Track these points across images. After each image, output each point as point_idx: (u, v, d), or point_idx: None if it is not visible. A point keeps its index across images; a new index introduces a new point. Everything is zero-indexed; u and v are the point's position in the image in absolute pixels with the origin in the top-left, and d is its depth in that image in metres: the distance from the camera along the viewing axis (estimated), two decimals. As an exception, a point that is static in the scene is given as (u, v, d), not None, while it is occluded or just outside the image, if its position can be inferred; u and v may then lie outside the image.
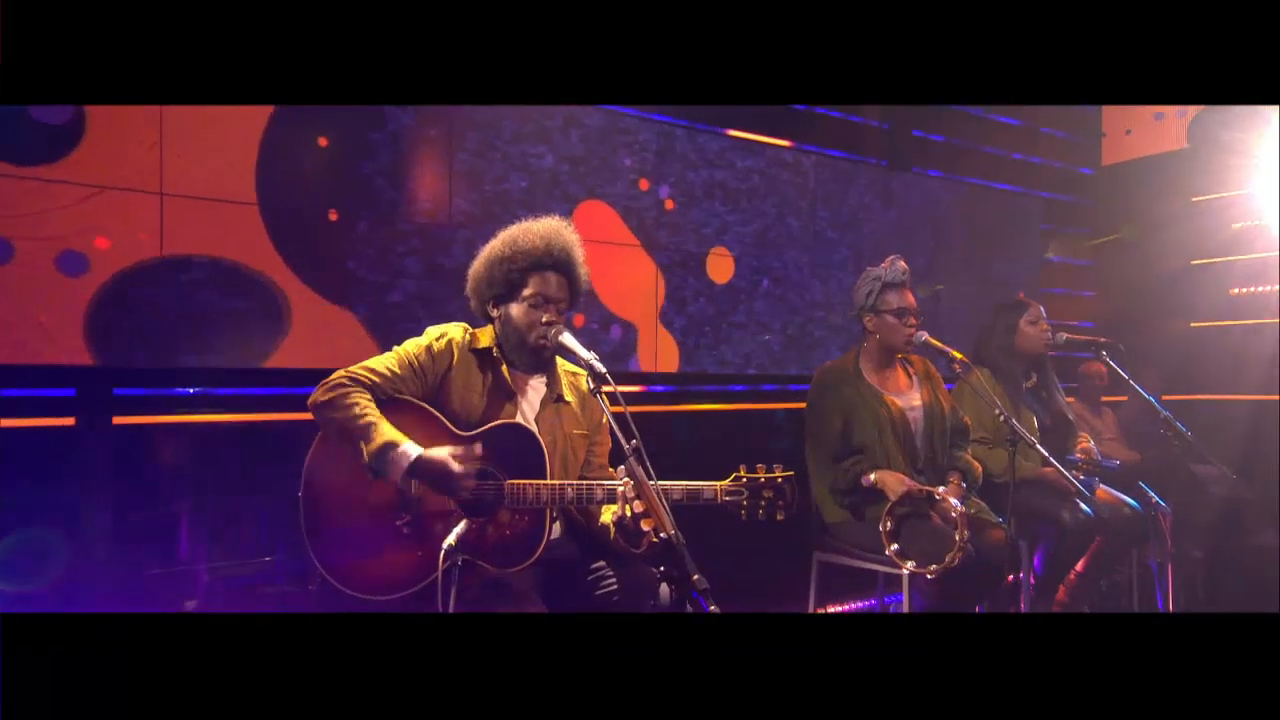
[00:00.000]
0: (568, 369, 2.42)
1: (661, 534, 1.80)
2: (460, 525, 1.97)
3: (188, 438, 2.91)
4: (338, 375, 2.12)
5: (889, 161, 4.89)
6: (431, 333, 2.29)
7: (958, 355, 2.98)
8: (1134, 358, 3.51)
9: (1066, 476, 2.89)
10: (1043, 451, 2.85)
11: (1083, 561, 3.43)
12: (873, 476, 2.92)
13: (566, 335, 2.17)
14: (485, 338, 2.31)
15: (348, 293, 3.18)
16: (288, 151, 3.04)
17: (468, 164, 3.45)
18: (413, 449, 2.02)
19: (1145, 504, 3.52)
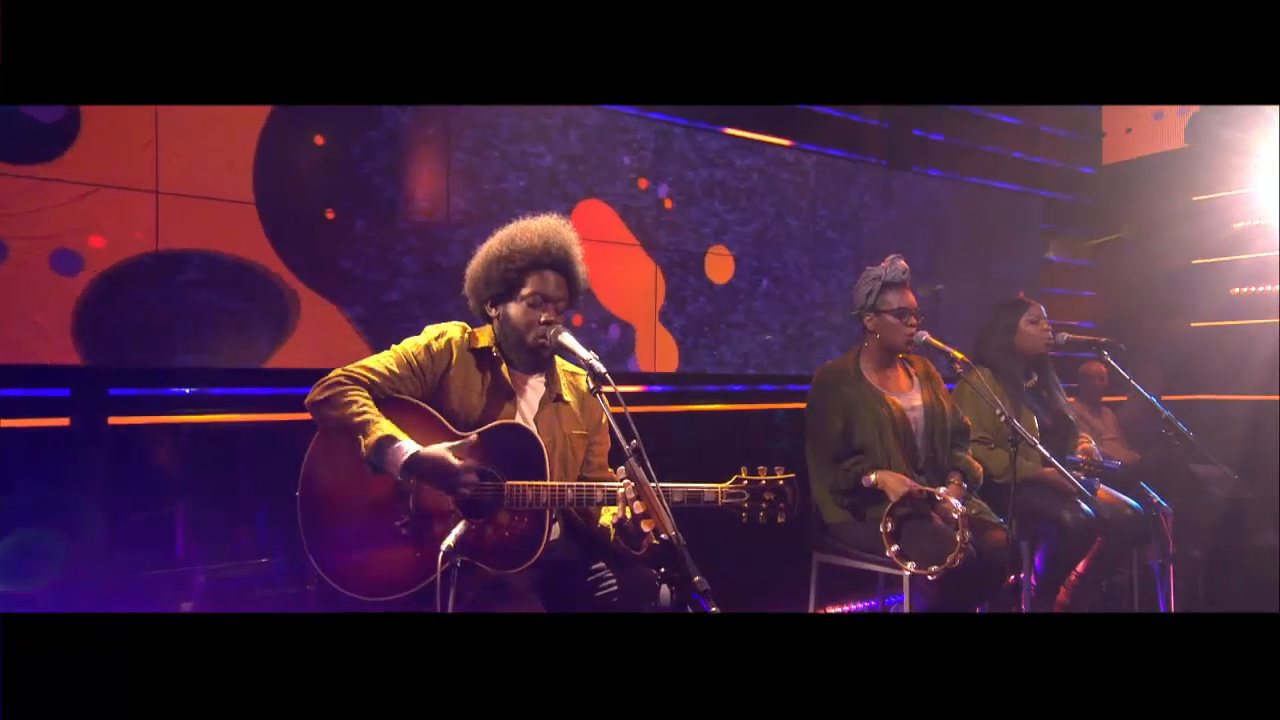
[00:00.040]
0: (567, 369, 2.40)
1: (662, 535, 1.78)
2: (459, 526, 1.96)
3: (184, 438, 2.89)
4: (335, 374, 2.10)
5: (889, 161, 4.87)
6: (430, 332, 2.27)
7: (958, 355, 2.97)
8: (1134, 358, 3.50)
9: (1067, 477, 2.88)
10: (1044, 452, 2.84)
11: (1084, 562, 3.43)
12: (873, 477, 2.91)
13: (565, 335, 2.16)
14: (484, 337, 2.30)
15: (345, 292, 3.16)
16: (285, 150, 3.02)
17: (466, 163, 3.44)
18: (410, 445, 2.02)
19: (1146, 504, 3.51)
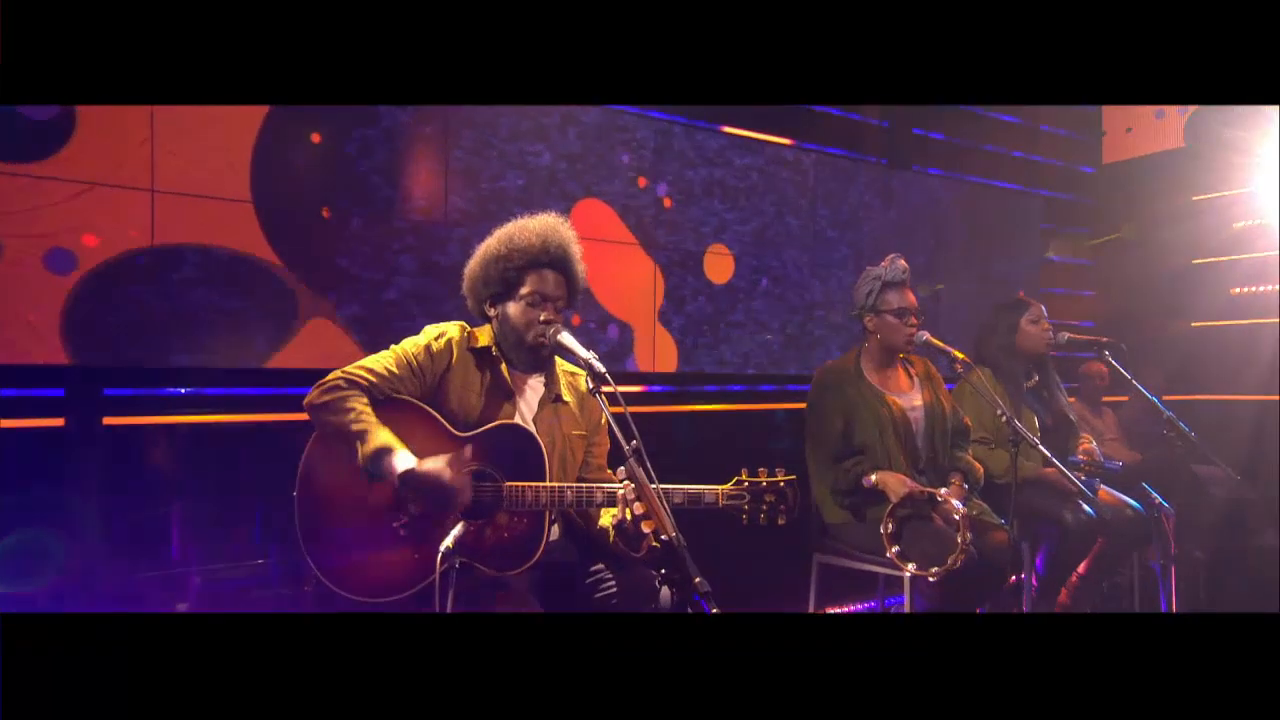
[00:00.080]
0: (566, 369, 2.39)
1: (663, 537, 1.77)
2: (458, 527, 1.93)
3: (179, 438, 2.87)
4: (334, 376, 2.09)
5: (889, 160, 4.86)
6: (430, 332, 2.25)
7: (959, 355, 2.96)
8: (1135, 357, 3.49)
9: (1068, 477, 2.86)
10: (1045, 452, 2.82)
11: (1085, 563, 3.41)
12: (874, 478, 2.90)
13: (565, 334, 2.14)
14: (484, 337, 2.28)
15: (342, 291, 3.14)
16: (282, 148, 3.00)
17: (464, 161, 3.42)
18: (406, 458, 1.98)
19: (1148, 505, 3.50)
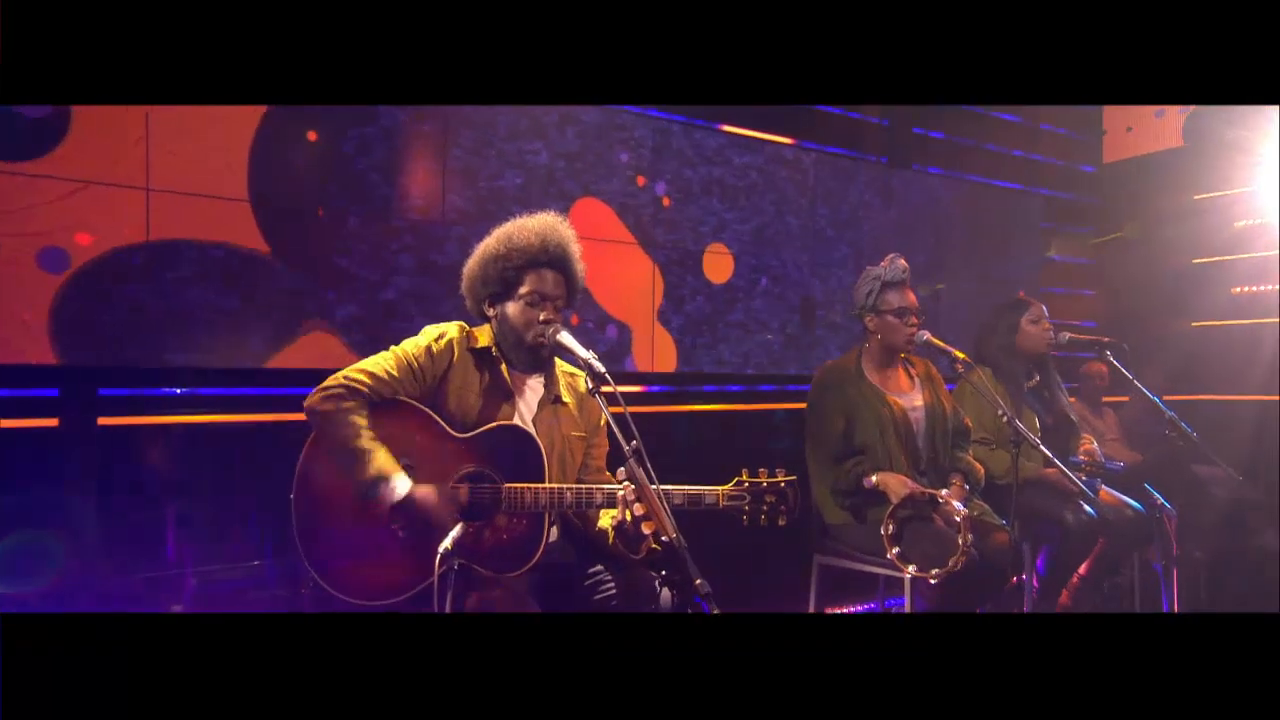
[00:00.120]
0: (565, 370, 2.37)
1: (664, 538, 1.75)
2: (457, 529, 1.93)
3: (174, 439, 2.85)
4: (335, 382, 2.07)
5: (889, 159, 4.84)
6: (430, 333, 2.23)
7: (959, 355, 2.94)
8: (1136, 357, 3.47)
9: (1070, 478, 2.84)
10: (1046, 452, 2.80)
11: (1086, 564, 3.40)
12: (875, 478, 2.88)
13: (564, 334, 2.12)
14: (483, 337, 2.26)
15: (340, 290, 3.12)
16: (279, 146, 2.99)
17: (462, 160, 3.40)
18: (403, 485, 2.00)
19: (1150, 506, 3.47)
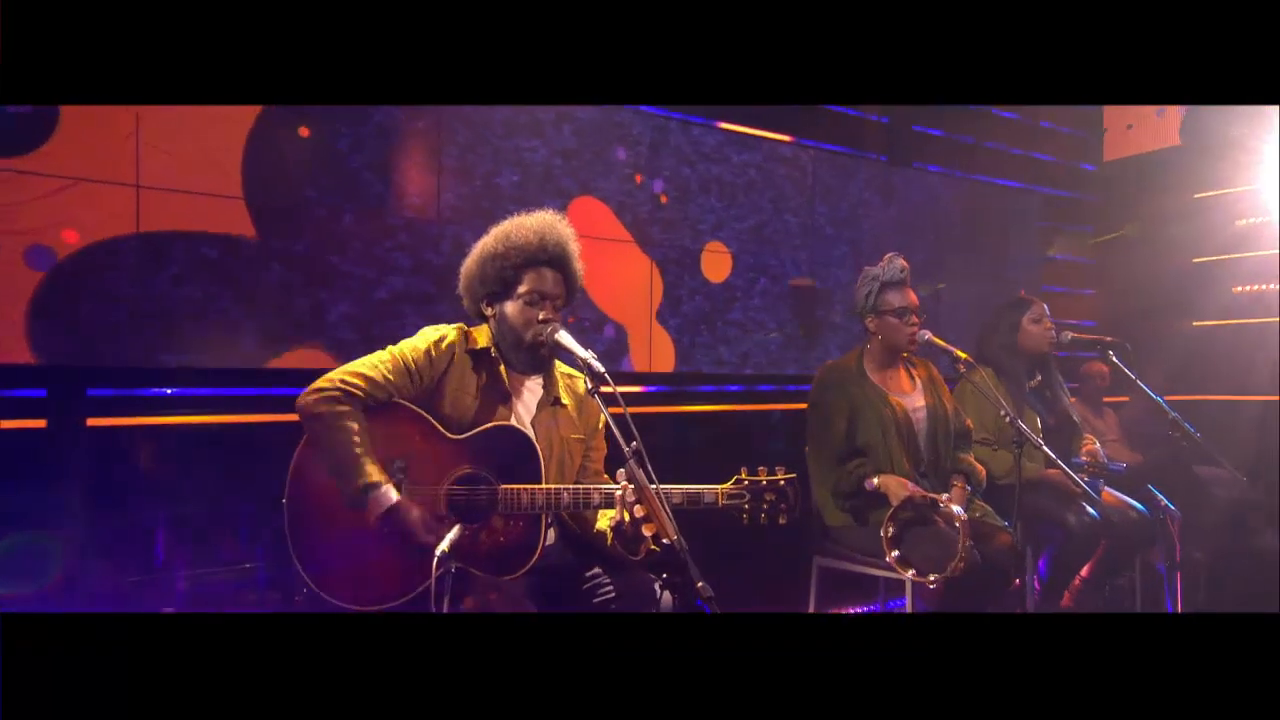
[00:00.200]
0: (564, 371, 2.33)
1: (663, 540, 1.71)
2: (454, 531, 1.91)
3: (164, 440, 2.82)
4: (329, 383, 2.03)
5: (889, 157, 4.82)
6: (429, 335, 2.19)
7: (961, 354, 2.91)
8: (1137, 357, 3.44)
9: (1073, 479, 2.81)
10: (1049, 453, 2.76)
11: (1088, 566, 3.36)
12: (876, 480, 2.85)
13: (563, 334, 2.09)
14: (482, 338, 2.22)
15: (334, 289, 3.08)
16: (273, 143, 2.95)
17: (457, 157, 3.36)
18: (387, 497, 1.96)
19: (1153, 508, 3.44)
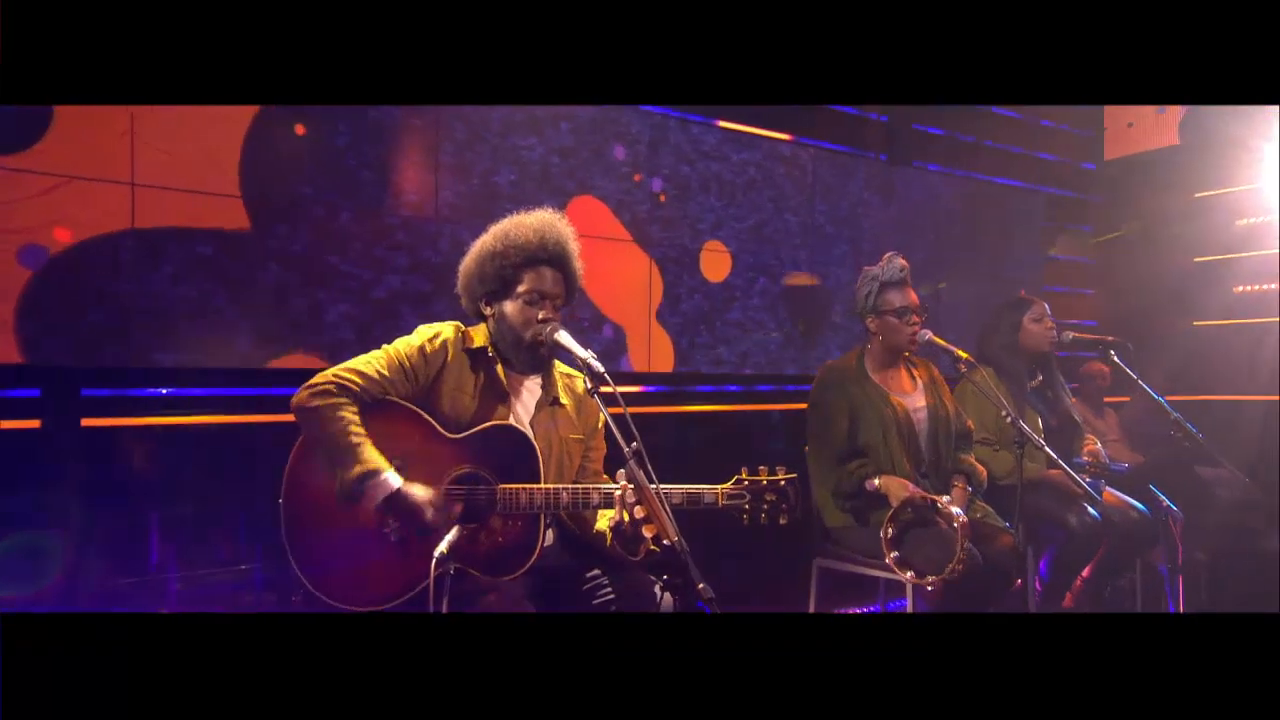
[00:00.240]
0: (563, 371, 2.32)
1: (664, 541, 1.69)
2: (452, 532, 1.89)
3: (160, 440, 2.80)
4: (323, 379, 2.01)
5: (889, 155, 4.80)
6: (424, 332, 2.17)
7: (962, 354, 2.89)
8: (1137, 357, 3.43)
9: (1075, 479, 2.79)
10: (1050, 453, 2.75)
11: (1089, 567, 3.35)
12: (877, 481, 2.84)
13: (563, 333, 2.07)
14: (479, 337, 2.20)
15: (331, 288, 3.06)
16: (270, 141, 2.93)
17: (455, 156, 3.34)
18: (391, 482, 1.93)
19: (1155, 508, 3.43)
